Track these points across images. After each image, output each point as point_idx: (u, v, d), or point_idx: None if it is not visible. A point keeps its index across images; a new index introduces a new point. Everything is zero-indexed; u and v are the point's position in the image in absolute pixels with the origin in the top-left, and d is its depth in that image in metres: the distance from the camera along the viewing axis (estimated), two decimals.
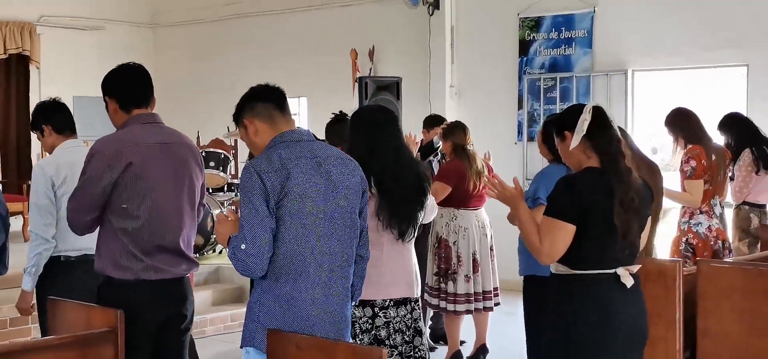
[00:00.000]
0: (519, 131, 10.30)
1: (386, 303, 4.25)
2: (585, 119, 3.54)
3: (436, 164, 7.33)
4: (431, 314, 7.38)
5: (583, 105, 3.61)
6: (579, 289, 3.52)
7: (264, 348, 3.35)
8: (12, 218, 5.35)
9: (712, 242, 6.05)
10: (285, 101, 3.56)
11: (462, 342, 7.03)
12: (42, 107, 4.90)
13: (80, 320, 3.76)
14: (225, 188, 10.19)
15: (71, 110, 4.95)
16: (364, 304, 4.20)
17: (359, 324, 4.21)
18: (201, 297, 8.29)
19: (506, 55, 10.41)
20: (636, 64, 9.63)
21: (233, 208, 9.12)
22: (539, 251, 3.50)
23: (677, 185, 6.14)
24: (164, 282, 3.89)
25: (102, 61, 11.51)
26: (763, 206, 6.70)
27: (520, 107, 10.30)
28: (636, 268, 3.58)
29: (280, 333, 3.32)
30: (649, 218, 3.72)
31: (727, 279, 4.49)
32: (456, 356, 6.86)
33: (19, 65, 12.21)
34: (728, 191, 6.45)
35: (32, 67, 12.27)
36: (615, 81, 9.66)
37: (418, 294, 4.40)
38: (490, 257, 6.84)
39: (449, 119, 8.15)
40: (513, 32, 10.36)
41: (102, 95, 4.02)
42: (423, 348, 4.37)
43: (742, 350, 4.44)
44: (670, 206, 6.38)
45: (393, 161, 4.20)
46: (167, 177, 3.90)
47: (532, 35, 10.24)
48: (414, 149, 5.11)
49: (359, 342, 4.17)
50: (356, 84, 10.38)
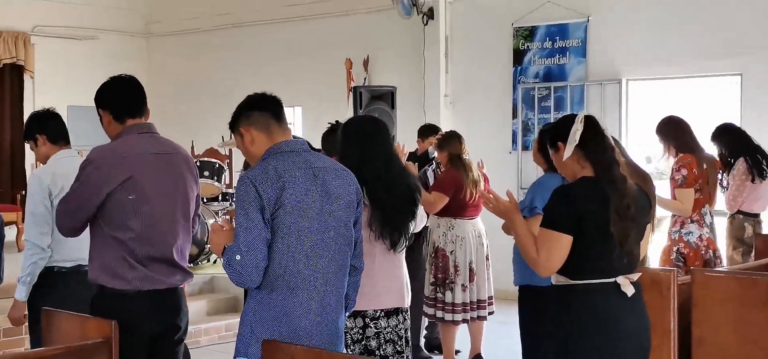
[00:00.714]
0: (513, 141, 10.31)
1: (377, 313, 4.24)
2: (577, 129, 3.53)
3: (431, 174, 7.33)
4: (427, 323, 7.38)
5: (576, 115, 3.61)
6: (578, 299, 3.50)
7: (258, 358, 3.34)
8: (5, 228, 5.32)
9: (703, 252, 6.05)
10: (281, 110, 3.54)
11: (457, 351, 7.03)
12: (36, 116, 4.89)
13: (74, 331, 3.74)
14: (219, 198, 10.17)
15: (65, 119, 4.94)
16: (355, 315, 4.19)
17: (350, 334, 4.20)
18: (195, 306, 8.27)
19: (500, 65, 10.42)
20: (630, 74, 9.65)
21: (228, 218, 9.11)
22: (537, 262, 3.49)
23: (668, 194, 6.15)
24: (159, 292, 3.87)
25: (96, 71, 11.49)
26: (757, 215, 6.70)
27: (515, 116, 10.31)
28: (636, 276, 3.56)
29: (275, 343, 3.30)
30: (648, 226, 3.71)
31: (722, 288, 4.48)
32: None
33: (13, 75, 12.20)
34: (719, 201, 6.46)
35: (26, 77, 12.26)
36: (609, 90, 9.68)
37: (409, 304, 4.40)
38: (486, 266, 6.85)
39: (444, 128, 8.16)
40: (507, 41, 10.38)
41: (95, 108, 4.01)
42: (409, 357, 4.37)
43: None
44: (663, 215, 6.38)
45: (384, 172, 4.19)
46: (162, 188, 3.89)
47: (527, 45, 10.26)
48: (402, 159, 5.10)
49: (350, 352, 4.15)
50: (351, 93, 10.39)
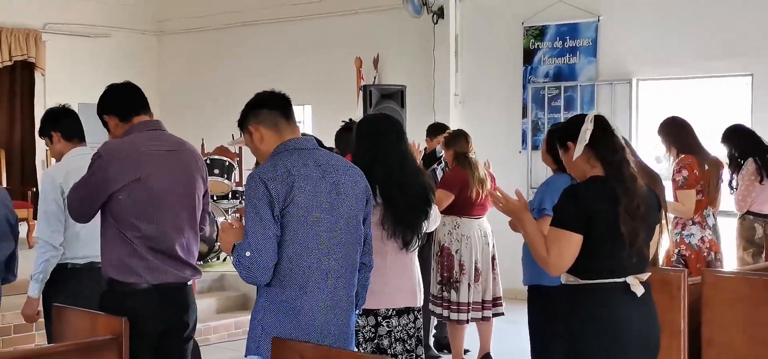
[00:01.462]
0: (523, 140, 10.30)
1: (389, 312, 4.24)
2: (587, 128, 3.53)
3: (440, 173, 7.33)
4: (435, 323, 7.38)
5: (585, 115, 3.61)
6: (588, 299, 3.50)
7: (268, 356, 3.35)
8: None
9: (705, 254, 6.00)
10: (290, 108, 3.55)
11: (466, 351, 7.02)
12: (51, 113, 4.89)
13: (85, 327, 3.76)
14: (229, 196, 10.19)
15: None
16: (368, 313, 4.20)
17: (363, 332, 4.21)
18: (205, 304, 8.29)
19: (510, 64, 10.41)
20: (640, 74, 9.63)
21: (238, 216, 9.13)
22: (547, 262, 3.49)
23: (670, 195, 6.12)
24: (168, 289, 3.89)
25: (107, 69, 11.57)
26: (767, 215, 6.68)
27: (525, 115, 10.30)
28: (646, 276, 3.55)
29: (285, 341, 3.31)
30: (657, 226, 3.71)
31: (732, 288, 4.47)
32: None
33: (25, 72, 12.23)
34: (726, 201, 6.42)
35: (37, 74, 12.28)
36: (619, 90, 9.66)
37: (421, 303, 4.40)
38: (492, 267, 6.83)
39: (453, 127, 8.15)
40: (517, 41, 10.36)
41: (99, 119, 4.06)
42: (422, 356, 4.37)
43: None
44: (670, 217, 6.37)
45: (398, 170, 4.19)
46: (170, 185, 3.91)
47: (537, 44, 10.24)
48: (417, 158, 5.10)
49: (362, 350, 4.17)
50: (360, 92, 10.39)
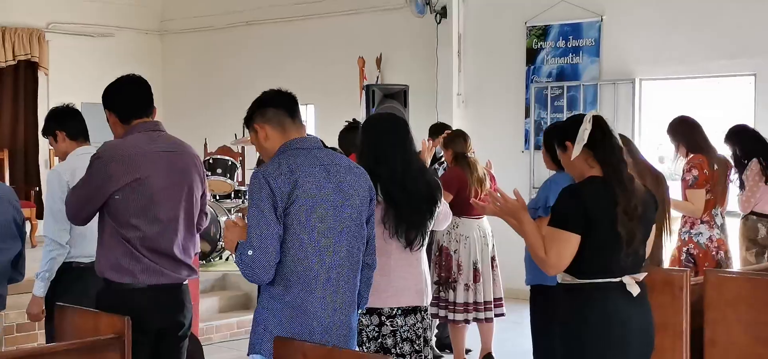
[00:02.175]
0: (526, 140, 10.30)
1: (393, 311, 4.23)
2: (585, 129, 3.54)
3: (442, 172, 7.32)
4: (437, 322, 7.38)
5: (584, 115, 3.62)
6: (585, 298, 3.51)
7: (271, 355, 3.36)
8: None
9: (714, 253, 6.03)
10: (296, 107, 3.56)
11: (468, 350, 7.02)
12: (55, 112, 4.90)
13: (87, 326, 3.76)
14: (232, 195, 10.21)
15: None
16: (371, 312, 4.19)
17: (366, 331, 4.21)
18: (207, 303, 8.30)
19: (513, 64, 10.41)
20: (643, 73, 9.62)
21: (241, 214, 9.14)
22: (545, 262, 3.50)
23: (678, 195, 6.13)
24: (164, 288, 3.89)
25: (110, 68, 11.48)
26: None
27: (527, 115, 10.30)
28: (642, 276, 3.57)
29: (287, 340, 3.32)
30: (654, 225, 3.72)
31: (735, 289, 4.47)
32: None
33: (28, 72, 12.24)
34: (732, 201, 6.43)
35: (40, 74, 12.29)
36: (622, 90, 9.65)
37: (428, 302, 4.39)
38: (492, 267, 6.82)
39: (456, 127, 8.16)
40: (520, 41, 10.36)
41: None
42: (430, 357, 4.36)
43: None
44: (674, 217, 6.37)
45: (401, 170, 4.17)
46: (167, 186, 3.90)
47: (540, 44, 10.24)
48: (428, 156, 5.08)
49: (366, 350, 4.16)
50: (363, 92, 10.41)
